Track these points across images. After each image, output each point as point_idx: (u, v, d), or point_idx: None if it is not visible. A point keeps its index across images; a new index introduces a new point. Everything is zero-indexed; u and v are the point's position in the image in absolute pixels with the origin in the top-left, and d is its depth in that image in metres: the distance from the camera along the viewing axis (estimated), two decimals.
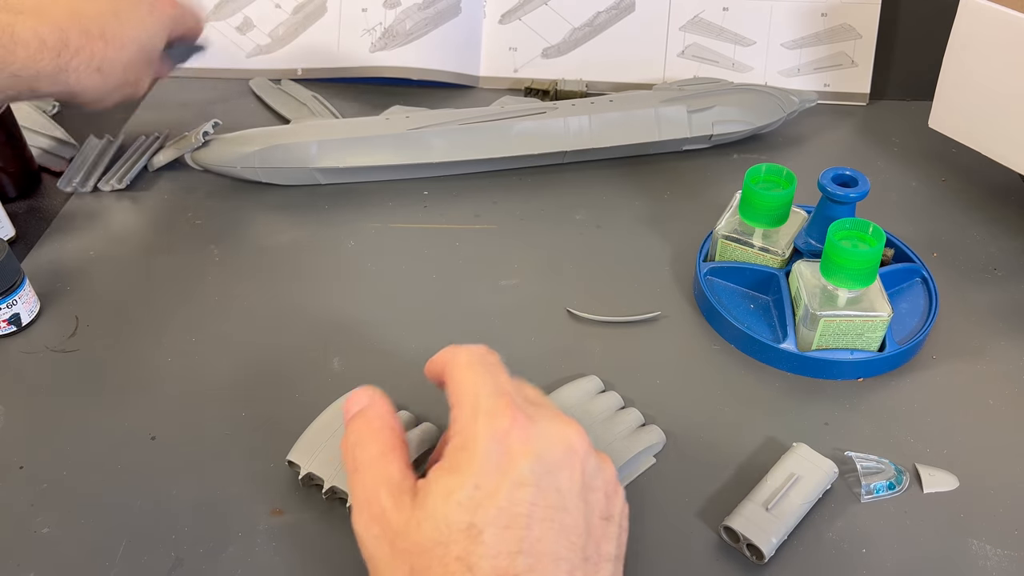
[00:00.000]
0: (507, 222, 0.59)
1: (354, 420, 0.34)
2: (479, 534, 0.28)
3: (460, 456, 0.30)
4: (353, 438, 0.33)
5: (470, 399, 0.31)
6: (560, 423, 0.32)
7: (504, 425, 0.30)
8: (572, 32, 0.73)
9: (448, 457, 0.31)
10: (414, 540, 0.29)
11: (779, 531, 0.38)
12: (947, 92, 0.58)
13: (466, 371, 0.33)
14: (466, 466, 0.30)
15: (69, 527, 0.40)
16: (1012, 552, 0.38)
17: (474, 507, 0.29)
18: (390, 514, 0.30)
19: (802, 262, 0.49)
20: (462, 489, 0.29)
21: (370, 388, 0.35)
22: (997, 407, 0.45)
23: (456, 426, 0.31)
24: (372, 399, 0.35)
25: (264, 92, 0.65)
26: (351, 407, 0.35)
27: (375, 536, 0.30)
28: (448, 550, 0.28)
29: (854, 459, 0.42)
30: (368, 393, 0.35)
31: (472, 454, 0.30)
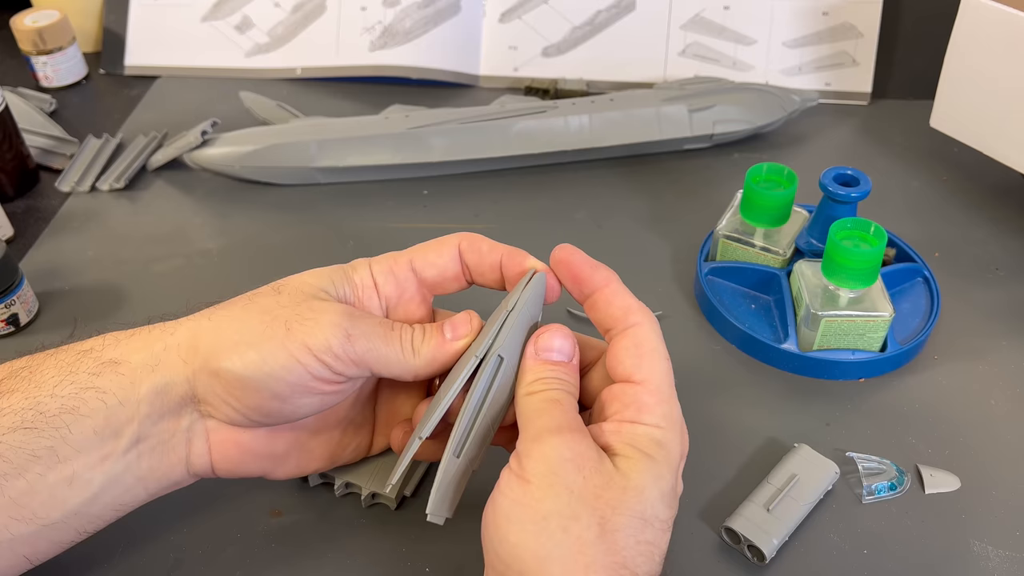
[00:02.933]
0: (507, 222, 0.59)
1: (558, 369, 0.33)
2: (667, 531, 0.30)
3: (662, 453, 0.30)
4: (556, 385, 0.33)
5: (669, 401, 0.32)
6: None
7: (685, 449, 0.33)
8: (572, 31, 0.73)
9: (649, 444, 0.30)
10: (616, 497, 0.29)
11: (780, 532, 0.37)
12: (949, 91, 0.58)
13: (667, 363, 0.32)
14: (666, 465, 0.30)
15: None
16: (1014, 553, 0.38)
17: (670, 505, 0.30)
18: (595, 458, 0.30)
19: (803, 262, 0.48)
20: (665, 483, 0.30)
21: (573, 340, 0.34)
22: (999, 407, 0.45)
23: (654, 416, 0.31)
24: (575, 355, 0.34)
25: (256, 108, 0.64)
26: (555, 348, 0.34)
27: (575, 463, 0.29)
28: (644, 530, 0.29)
29: (855, 460, 0.42)
30: (572, 346, 0.34)
31: (670, 456, 0.31)
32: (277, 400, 0.33)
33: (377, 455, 0.40)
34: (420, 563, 0.38)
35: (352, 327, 0.33)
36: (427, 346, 0.35)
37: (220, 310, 0.34)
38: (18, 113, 0.64)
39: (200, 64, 0.76)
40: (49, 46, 0.73)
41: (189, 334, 0.33)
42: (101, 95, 0.75)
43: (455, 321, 0.36)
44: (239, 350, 0.32)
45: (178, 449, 0.34)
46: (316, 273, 0.36)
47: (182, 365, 0.33)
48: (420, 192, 0.61)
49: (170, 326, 0.34)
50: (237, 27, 0.75)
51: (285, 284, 0.35)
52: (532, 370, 0.33)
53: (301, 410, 0.34)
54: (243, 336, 0.32)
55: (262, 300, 0.34)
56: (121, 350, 0.33)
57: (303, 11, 0.75)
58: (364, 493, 0.39)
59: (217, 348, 0.32)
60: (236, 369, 0.32)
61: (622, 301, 0.33)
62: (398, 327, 0.35)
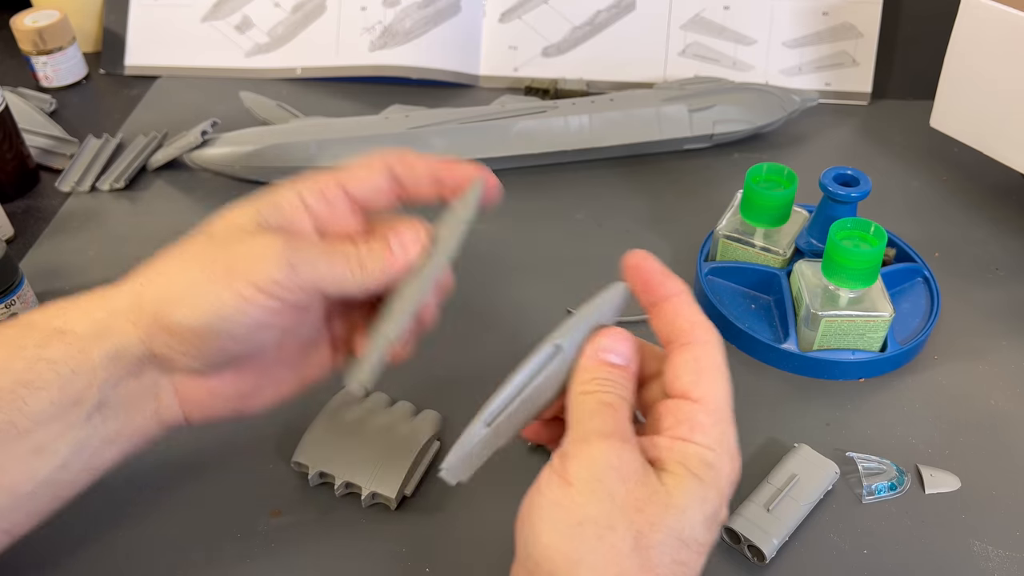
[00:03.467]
0: (507, 222, 0.59)
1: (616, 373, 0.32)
2: (703, 554, 0.29)
3: (710, 475, 0.29)
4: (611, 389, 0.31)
5: (725, 422, 0.31)
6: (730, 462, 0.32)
7: (735, 476, 0.31)
8: (572, 31, 0.73)
9: (698, 464, 0.29)
10: (656, 513, 0.28)
11: (780, 532, 0.37)
12: (949, 91, 0.58)
13: (726, 384, 0.31)
14: (714, 488, 0.29)
15: (67, 528, 0.40)
16: (1014, 553, 0.38)
17: (711, 529, 0.29)
18: (639, 471, 0.29)
19: (803, 262, 0.48)
20: (710, 506, 0.29)
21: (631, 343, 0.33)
22: (999, 407, 0.45)
23: (708, 438, 0.30)
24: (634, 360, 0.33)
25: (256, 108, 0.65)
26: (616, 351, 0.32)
27: (618, 472, 0.29)
28: (681, 551, 0.28)
29: (855, 460, 0.42)
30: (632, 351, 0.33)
31: (719, 480, 0.30)
32: (235, 341, 0.33)
33: (376, 456, 0.40)
34: (420, 563, 0.38)
35: (293, 255, 0.32)
36: (374, 262, 0.34)
37: (158, 266, 0.34)
38: (18, 113, 0.64)
39: (200, 64, 0.76)
40: (49, 46, 0.73)
41: (132, 296, 0.34)
42: (101, 95, 0.75)
43: (402, 236, 0.35)
44: (187, 302, 0.32)
45: (145, 408, 0.34)
46: (243, 208, 0.35)
47: (132, 327, 0.33)
48: None
49: (110, 291, 0.34)
50: (237, 27, 0.75)
51: (215, 225, 0.34)
52: (589, 369, 0.32)
53: (262, 344, 0.34)
54: (188, 287, 0.33)
55: (197, 247, 0.34)
56: (65, 319, 0.33)
57: (303, 11, 0.75)
58: (364, 493, 0.39)
59: (164, 304, 0.33)
60: (188, 321, 0.32)
61: (689, 314, 0.32)
62: (340, 246, 0.34)
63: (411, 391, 0.45)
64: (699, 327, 0.32)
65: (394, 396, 0.45)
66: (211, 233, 0.34)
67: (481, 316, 0.51)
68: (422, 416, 0.43)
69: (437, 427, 0.43)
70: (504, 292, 0.53)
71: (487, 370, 0.47)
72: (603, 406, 0.31)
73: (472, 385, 0.46)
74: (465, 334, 0.50)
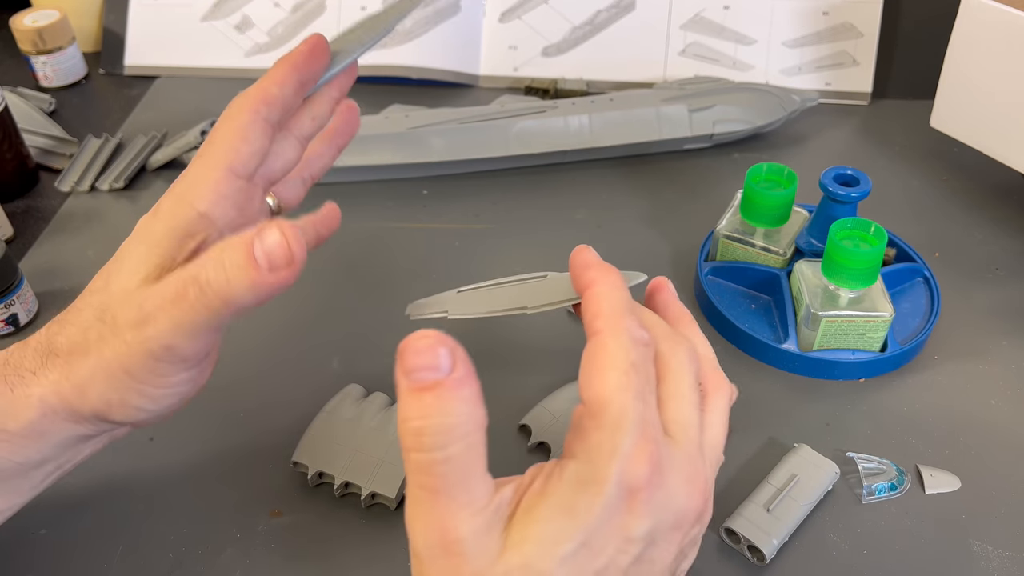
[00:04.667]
0: (507, 222, 0.59)
1: (430, 394, 0.24)
2: None
3: (581, 497, 0.25)
4: (422, 423, 0.24)
5: (612, 425, 0.26)
6: (686, 490, 0.27)
7: (637, 480, 0.25)
8: (572, 31, 0.73)
9: (565, 489, 0.25)
10: None
11: (780, 532, 0.37)
12: (949, 91, 0.58)
13: (619, 377, 0.26)
14: (584, 513, 0.25)
15: (67, 529, 0.40)
16: (1014, 553, 0.38)
17: (576, 567, 0.25)
18: (468, 553, 0.24)
19: (803, 262, 0.48)
20: (571, 541, 0.25)
21: (443, 343, 0.25)
22: (999, 407, 0.45)
23: (585, 444, 0.26)
24: (455, 366, 0.25)
25: None
26: (420, 364, 0.25)
27: (439, 571, 0.25)
28: None
29: (855, 460, 0.42)
30: (447, 351, 0.25)
31: (594, 499, 0.25)
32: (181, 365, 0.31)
33: (376, 456, 0.40)
34: None
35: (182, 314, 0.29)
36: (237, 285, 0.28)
37: (66, 354, 0.31)
38: (18, 113, 0.64)
39: (200, 64, 0.76)
40: (49, 46, 0.73)
41: (56, 395, 0.31)
42: (101, 95, 0.75)
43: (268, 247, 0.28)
44: (116, 409, 0.31)
45: (100, 449, 0.35)
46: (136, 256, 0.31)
47: (73, 425, 0.32)
48: (420, 192, 0.61)
49: (28, 378, 0.32)
50: (237, 27, 0.75)
51: (113, 296, 0.31)
52: (408, 407, 0.25)
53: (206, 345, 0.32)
54: (105, 394, 0.31)
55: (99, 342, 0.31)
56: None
57: (303, 11, 0.75)
58: (364, 493, 0.39)
59: (94, 409, 0.31)
60: (129, 419, 0.32)
61: (595, 299, 0.28)
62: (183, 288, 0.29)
63: None
64: (599, 318, 0.27)
65: (394, 396, 0.45)
66: (112, 319, 0.31)
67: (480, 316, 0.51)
68: None
69: None
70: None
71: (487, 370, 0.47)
72: (417, 489, 0.25)
73: None
74: (464, 334, 0.50)
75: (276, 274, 0.28)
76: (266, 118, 0.34)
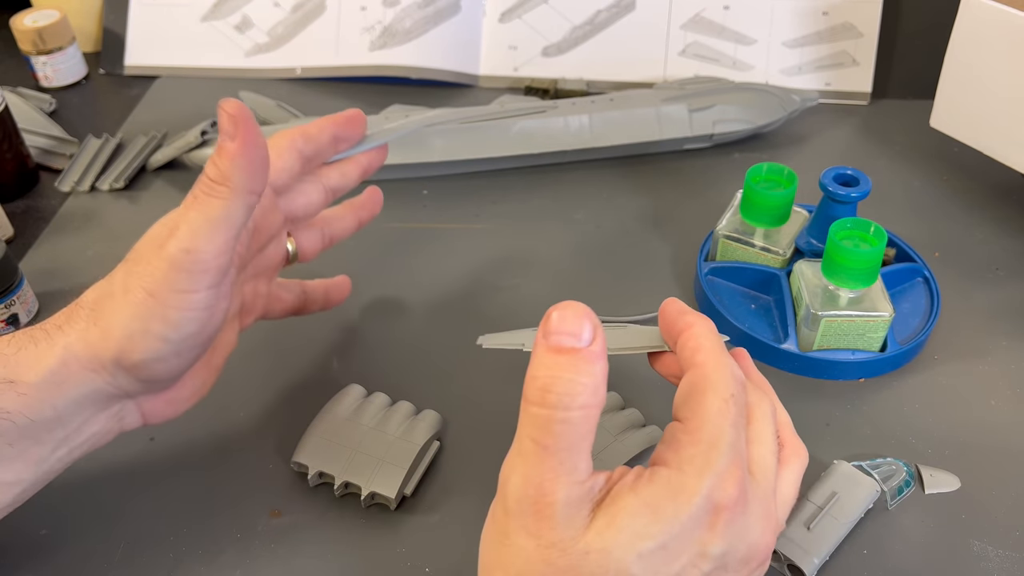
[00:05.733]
0: (507, 222, 0.59)
1: (564, 361, 0.26)
2: None
3: (669, 502, 0.26)
4: (555, 395, 0.26)
5: (708, 443, 0.27)
6: (763, 526, 0.28)
7: (725, 500, 0.27)
8: (572, 30, 0.73)
9: (656, 490, 0.27)
10: (572, 563, 0.26)
11: (821, 551, 0.37)
12: (949, 91, 0.58)
13: (719, 404, 0.28)
14: (670, 517, 0.26)
15: (68, 528, 0.40)
16: (1013, 553, 0.38)
17: (651, 567, 0.26)
18: (557, 517, 0.26)
19: (803, 262, 0.48)
20: (652, 541, 0.26)
21: (590, 318, 0.27)
22: (999, 407, 0.45)
23: (680, 456, 0.27)
24: (595, 339, 0.27)
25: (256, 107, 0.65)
26: (565, 330, 0.27)
27: (528, 530, 0.26)
28: None
29: (866, 469, 0.41)
30: (591, 328, 0.27)
31: (681, 506, 0.26)
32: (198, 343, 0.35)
33: (376, 456, 0.40)
34: (420, 563, 0.38)
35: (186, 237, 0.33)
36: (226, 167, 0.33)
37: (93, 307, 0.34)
38: (18, 113, 0.64)
39: (200, 64, 0.76)
40: (49, 46, 0.73)
41: (81, 342, 0.33)
42: (101, 95, 0.75)
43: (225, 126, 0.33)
44: (136, 340, 0.33)
45: (109, 427, 0.36)
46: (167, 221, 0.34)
47: (92, 375, 0.33)
48: (420, 192, 0.61)
49: (55, 333, 0.34)
50: (237, 27, 0.75)
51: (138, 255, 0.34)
52: (537, 365, 0.27)
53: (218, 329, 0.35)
54: (129, 324, 0.33)
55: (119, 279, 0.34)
56: (9, 368, 0.33)
57: (303, 11, 0.75)
58: (364, 493, 0.39)
59: (118, 348, 0.33)
60: (143, 357, 0.33)
61: (696, 338, 0.30)
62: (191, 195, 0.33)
63: (411, 391, 0.45)
64: (701, 352, 0.30)
65: (394, 396, 0.45)
66: (128, 259, 0.34)
67: (481, 316, 0.51)
68: (422, 416, 0.43)
69: (437, 427, 0.43)
70: (504, 292, 0.53)
71: (487, 370, 0.47)
72: (531, 443, 0.27)
73: (472, 385, 0.46)
74: (464, 334, 0.50)
75: (236, 141, 0.32)
76: (300, 149, 0.39)
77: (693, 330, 0.30)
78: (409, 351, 0.49)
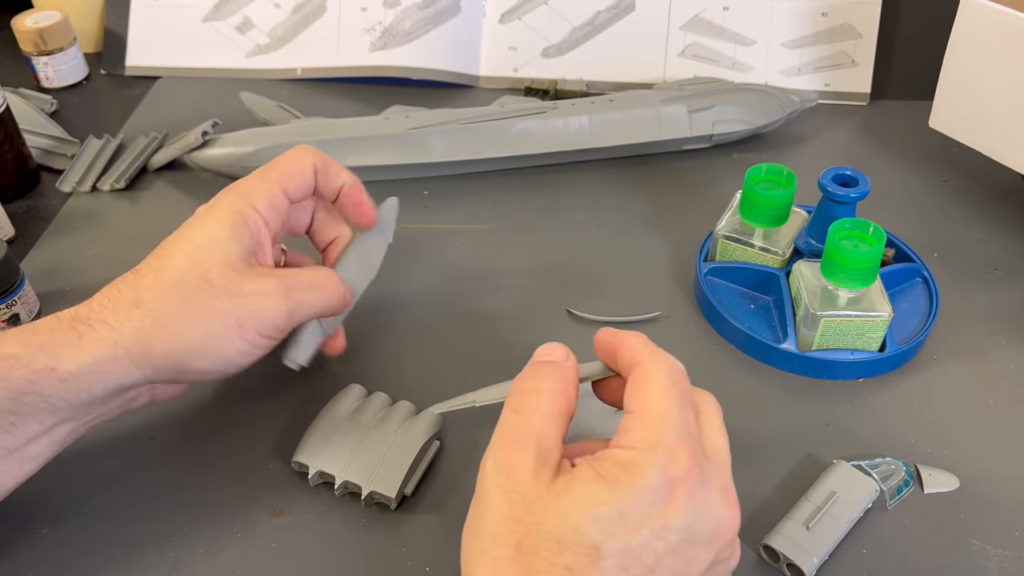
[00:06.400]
0: (507, 222, 0.59)
1: (540, 366, 0.33)
2: (598, 558, 0.27)
3: (621, 475, 0.28)
4: (532, 383, 0.32)
5: (656, 423, 0.30)
6: (724, 500, 0.30)
7: (679, 474, 0.29)
8: (572, 31, 0.73)
9: (609, 465, 0.29)
10: (536, 520, 0.28)
11: (820, 551, 0.37)
12: (948, 92, 0.58)
13: (661, 391, 0.31)
14: (624, 487, 0.28)
15: (68, 528, 0.40)
16: (1013, 552, 0.38)
17: (608, 531, 0.28)
18: (526, 476, 0.29)
19: (802, 262, 0.49)
20: (607, 507, 0.28)
21: (565, 348, 0.34)
22: (998, 407, 0.45)
23: (627, 438, 0.30)
24: (568, 358, 0.34)
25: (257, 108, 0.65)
26: (544, 353, 0.34)
27: (500, 484, 0.29)
28: (562, 553, 0.27)
29: (866, 468, 0.41)
30: (564, 352, 0.34)
31: (633, 480, 0.28)
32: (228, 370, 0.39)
33: (376, 456, 0.40)
34: (420, 563, 0.38)
35: (291, 303, 0.38)
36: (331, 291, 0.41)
37: (155, 305, 0.36)
38: (19, 114, 0.64)
39: (201, 65, 0.76)
40: (50, 47, 0.73)
41: (135, 339, 0.36)
42: (102, 96, 0.75)
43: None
44: (206, 355, 0.37)
45: (122, 407, 0.39)
46: (222, 236, 0.38)
47: (135, 369, 0.36)
48: (420, 192, 0.61)
49: (101, 327, 0.36)
50: (238, 28, 0.76)
51: (208, 262, 0.37)
52: (521, 376, 0.33)
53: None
54: (205, 341, 0.37)
55: (200, 295, 0.37)
56: (51, 356, 0.35)
57: (303, 12, 0.75)
58: (364, 493, 0.39)
59: (183, 356, 0.36)
60: (203, 367, 0.37)
61: (631, 344, 0.33)
62: (321, 281, 0.40)
63: (411, 391, 0.45)
64: (638, 352, 0.33)
65: (394, 396, 0.45)
66: (207, 273, 0.37)
67: (480, 316, 0.51)
68: (422, 416, 0.43)
69: (437, 427, 0.43)
70: (503, 292, 0.53)
71: (487, 370, 0.47)
72: (511, 412, 0.31)
73: (472, 385, 0.46)
74: (464, 334, 0.50)
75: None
76: (319, 171, 0.42)
77: (627, 342, 0.33)
78: (409, 351, 0.49)
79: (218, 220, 0.38)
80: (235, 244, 0.38)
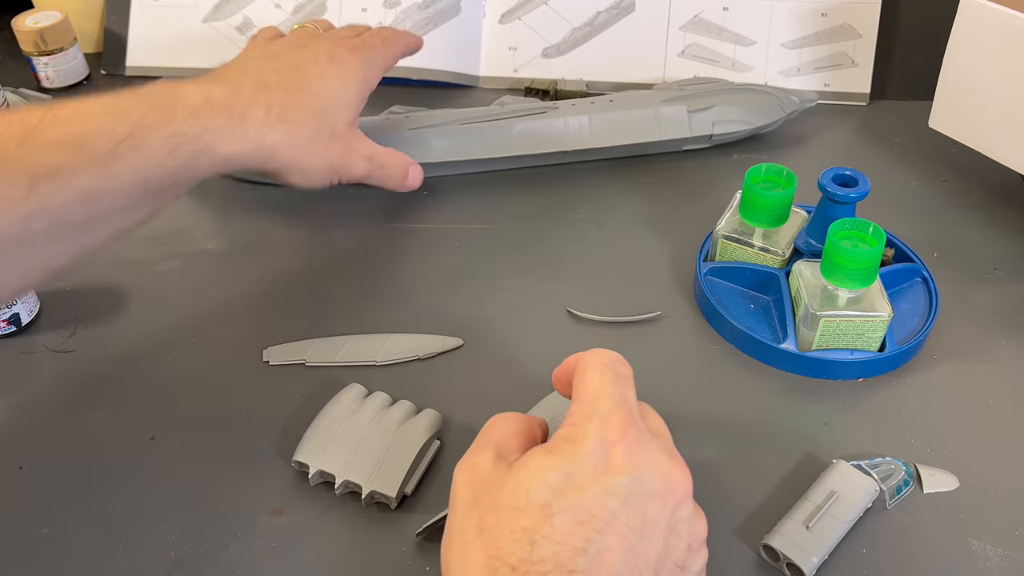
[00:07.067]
0: (507, 222, 0.59)
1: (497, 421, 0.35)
2: (551, 516, 0.29)
3: (563, 445, 0.31)
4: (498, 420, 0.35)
5: (591, 399, 0.32)
6: (668, 459, 0.32)
7: (614, 435, 0.31)
8: (572, 32, 0.73)
9: (552, 442, 0.31)
10: (493, 497, 0.30)
11: (820, 550, 0.37)
12: (947, 92, 0.58)
13: (595, 374, 0.33)
14: (566, 454, 0.30)
15: (68, 528, 0.40)
16: (1012, 552, 0.38)
17: (558, 491, 0.29)
18: (486, 468, 0.31)
19: (802, 262, 0.49)
20: (553, 471, 0.30)
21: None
22: (997, 407, 0.45)
23: (569, 420, 0.32)
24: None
25: None
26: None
27: (466, 483, 0.32)
28: (519, 518, 0.29)
29: (865, 468, 0.41)
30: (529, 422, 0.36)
31: (575, 447, 0.30)
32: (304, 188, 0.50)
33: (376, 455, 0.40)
34: (420, 563, 0.38)
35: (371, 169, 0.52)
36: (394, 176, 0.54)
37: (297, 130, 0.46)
38: None
39: (201, 65, 0.76)
40: (50, 47, 0.73)
41: (273, 145, 0.44)
42: None
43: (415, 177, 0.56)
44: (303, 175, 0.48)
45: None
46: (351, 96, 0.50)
47: (256, 164, 0.44)
48: (420, 193, 0.61)
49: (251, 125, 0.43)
50: (238, 28, 0.76)
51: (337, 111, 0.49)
52: None
53: None
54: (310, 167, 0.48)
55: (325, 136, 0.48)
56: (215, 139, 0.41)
57: (304, 12, 0.75)
58: (364, 492, 0.40)
59: (290, 168, 0.46)
60: (294, 182, 0.48)
61: (573, 357, 0.35)
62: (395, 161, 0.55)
63: (411, 391, 0.45)
64: (578, 357, 0.35)
65: (394, 395, 0.45)
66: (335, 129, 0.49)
67: (480, 316, 0.51)
68: (422, 416, 0.43)
69: (437, 427, 0.43)
70: (503, 292, 0.53)
71: (487, 370, 0.47)
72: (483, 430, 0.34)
73: (472, 385, 0.47)
74: (465, 334, 0.50)
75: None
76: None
77: (570, 357, 0.35)
78: None
79: (349, 79, 0.49)
80: (356, 106, 0.50)
